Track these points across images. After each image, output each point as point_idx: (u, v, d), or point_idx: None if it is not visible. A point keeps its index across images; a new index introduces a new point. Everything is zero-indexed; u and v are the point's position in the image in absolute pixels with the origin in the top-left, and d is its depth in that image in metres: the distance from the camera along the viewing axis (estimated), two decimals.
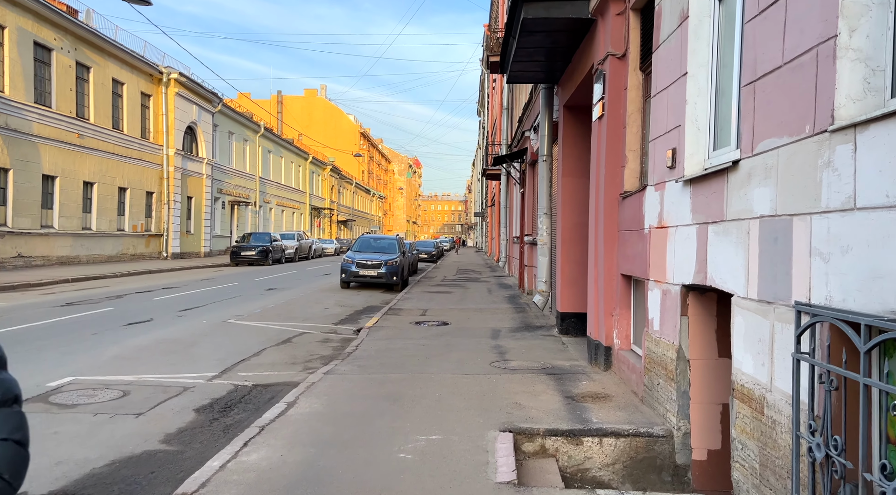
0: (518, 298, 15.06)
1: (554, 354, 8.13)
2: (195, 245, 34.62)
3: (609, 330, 6.71)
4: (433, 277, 22.72)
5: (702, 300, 4.55)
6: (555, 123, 10.22)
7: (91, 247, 25.58)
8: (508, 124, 22.59)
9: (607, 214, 6.71)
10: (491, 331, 10.03)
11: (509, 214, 23.08)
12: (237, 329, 10.34)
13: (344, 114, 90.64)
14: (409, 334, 9.65)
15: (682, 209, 4.58)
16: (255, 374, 7.11)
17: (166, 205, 31.24)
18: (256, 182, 44.55)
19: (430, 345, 8.65)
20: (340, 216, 71.27)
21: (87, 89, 25.49)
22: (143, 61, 29.00)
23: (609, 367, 6.76)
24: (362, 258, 17.80)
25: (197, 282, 19.03)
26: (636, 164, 6.43)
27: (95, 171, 25.79)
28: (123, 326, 10.10)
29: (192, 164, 34.00)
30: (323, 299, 15.29)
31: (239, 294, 15.92)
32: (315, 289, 18.02)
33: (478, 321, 11.13)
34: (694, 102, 4.50)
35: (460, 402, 5.55)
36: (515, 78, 9.61)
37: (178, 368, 7.27)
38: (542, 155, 10.04)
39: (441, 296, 15.32)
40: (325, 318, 11.95)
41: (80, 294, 14.92)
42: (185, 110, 32.41)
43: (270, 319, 11.53)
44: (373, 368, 7.10)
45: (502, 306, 13.35)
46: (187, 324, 10.64)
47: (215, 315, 11.82)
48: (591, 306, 7.30)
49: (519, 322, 11.03)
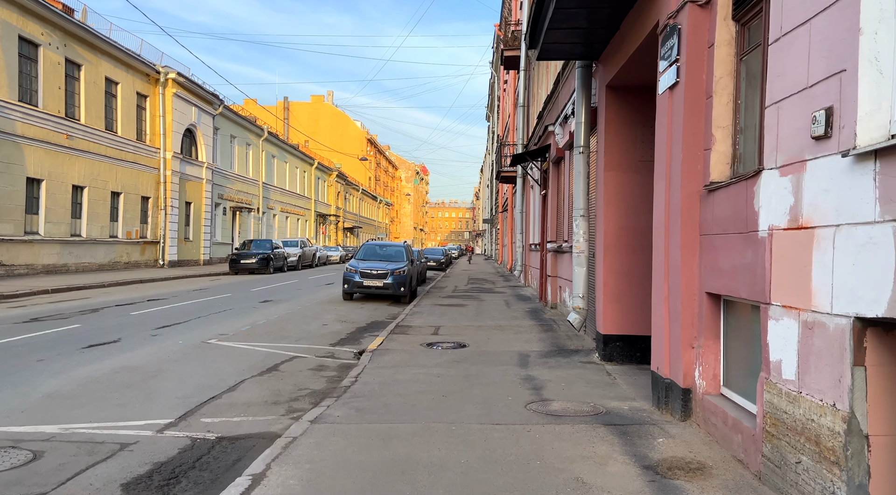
0: (541, 313, 13.40)
1: (603, 390, 6.48)
2: (194, 253, 33.16)
3: (688, 366, 5.06)
4: (443, 287, 21.10)
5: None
6: (592, 109, 8.62)
7: (81, 255, 24.12)
8: (525, 123, 21.01)
9: (684, 213, 5.09)
10: (517, 355, 8.40)
11: (525, 219, 21.45)
12: (217, 352, 8.75)
13: (351, 120, 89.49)
14: (419, 360, 8.03)
15: (852, 199, 2.96)
16: (222, 421, 5.51)
17: (163, 210, 29.80)
18: (259, 187, 43.14)
19: (447, 377, 7.02)
20: (346, 223, 69.84)
21: (77, 88, 24.10)
22: (140, 60, 27.63)
23: (688, 416, 5.10)
24: (367, 267, 16.20)
25: (188, 293, 17.48)
26: (726, 145, 4.80)
27: (86, 175, 24.36)
28: (80, 350, 8.52)
29: (192, 168, 32.58)
30: (322, 313, 13.70)
31: (230, 307, 14.35)
32: (315, 300, 16.43)
33: (500, 342, 9.50)
34: (873, 32, 2.88)
35: (497, 477, 3.93)
36: (547, 52, 8.03)
37: (125, 412, 5.67)
38: (578, 146, 8.43)
39: (454, 311, 13.70)
40: (323, 338, 10.34)
41: (54, 307, 13.39)
42: (183, 112, 31.02)
43: (259, 339, 9.94)
44: (375, 413, 5.48)
45: (525, 323, 11.70)
46: (159, 345, 9.06)
47: (196, 333, 10.24)
48: (657, 333, 5.66)
49: (549, 343, 9.38)
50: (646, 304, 7.90)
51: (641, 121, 7.93)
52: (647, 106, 7.92)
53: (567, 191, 12.02)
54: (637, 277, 7.93)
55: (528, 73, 20.94)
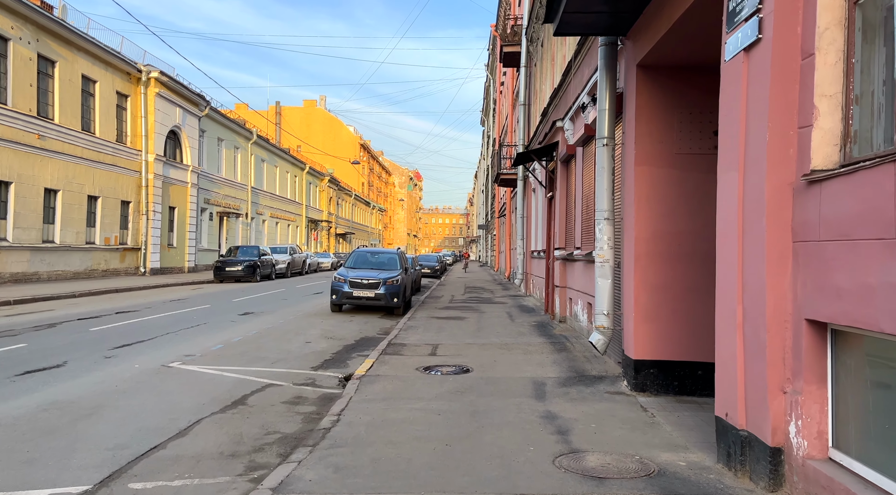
0: (549, 328, 12.12)
1: (644, 435, 5.21)
2: (178, 259, 31.74)
3: (778, 417, 3.79)
4: (439, 296, 19.80)
5: None
6: (617, 95, 7.38)
7: (54, 263, 22.68)
8: (525, 122, 19.79)
9: (770, 214, 3.83)
10: (531, 384, 7.11)
11: (527, 225, 20.20)
12: (176, 380, 7.42)
13: (343, 125, 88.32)
14: (416, 389, 6.73)
15: None
16: (157, 487, 4.19)
17: (145, 215, 28.39)
18: (248, 192, 41.75)
19: (449, 414, 5.74)
20: (339, 229, 68.46)
21: (51, 86, 22.73)
22: (120, 58, 26.29)
23: (779, 485, 3.82)
24: (357, 276, 14.87)
25: (164, 304, 16.12)
26: (834, 120, 3.56)
27: (60, 177, 22.96)
28: (12, 378, 7.18)
29: (176, 172, 31.20)
30: (307, 328, 12.37)
31: (206, 320, 13.00)
32: (301, 313, 15.09)
33: (508, 365, 8.21)
34: None
35: None
36: (567, 25, 6.78)
37: (28, 474, 4.35)
38: (601, 138, 7.19)
39: (453, 325, 12.40)
40: (304, 359, 9.03)
41: (7, 322, 12.01)
42: (167, 113, 29.66)
43: (230, 361, 8.62)
44: (359, 474, 4.18)
45: (534, 341, 10.41)
46: (109, 371, 7.72)
47: (158, 354, 8.91)
48: (726, 368, 4.40)
49: (565, 367, 8.10)
50: (687, 324, 6.64)
51: (680, 105, 6.70)
52: (687, 88, 6.69)
53: (580, 192, 10.78)
54: (674, 291, 6.68)
55: (529, 69, 19.75)
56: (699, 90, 6.65)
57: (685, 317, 6.65)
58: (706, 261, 6.62)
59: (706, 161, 6.65)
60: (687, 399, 6.51)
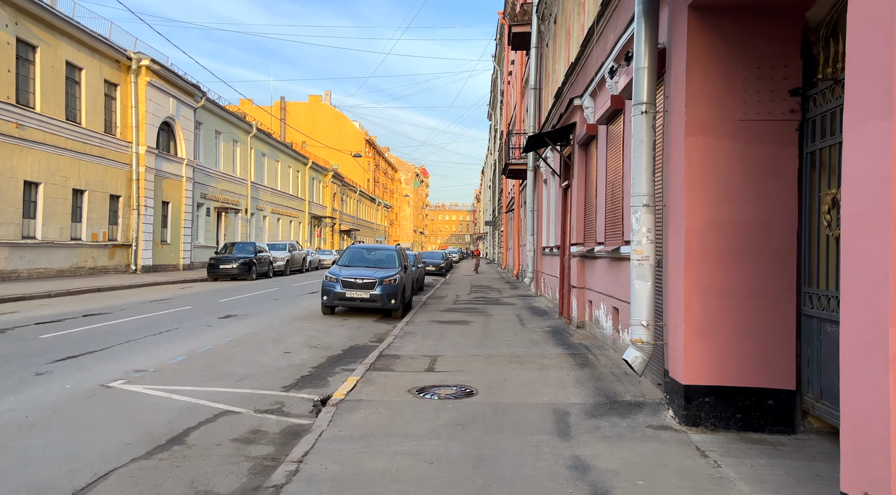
0: (565, 334, 10.64)
1: None
2: (173, 256, 30.42)
3: None
4: (443, 296, 18.35)
5: None
6: (660, 51, 5.89)
7: (35, 260, 21.37)
8: (536, 107, 18.27)
9: None
10: (552, 413, 5.64)
11: (537, 219, 18.70)
12: (109, 406, 6.00)
13: (349, 120, 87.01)
14: (404, 422, 5.28)
15: None
16: None
17: (136, 210, 27.08)
18: (248, 187, 40.41)
19: (446, 462, 4.29)
20: (343, 225, 67.10)
21: (31, 72, 21.40)
22: (108, 44, 24.93)
23: None
24: (350, 275, 13.42)
25: (142, 305, 14.75)
26: None
27: (42, 169, 21.63)
28: None
29: (169, 165, 29.86)
30: (290, 334, 10.94)
31: (179, 325, 11.60)
32: (289, 315, 13.67)
33: (520, 385, 6.74)
34: None
35: None
36: None
37: None
38: (639, 103, 5.70)
39: (456, 331, 10.94)
40: (277, 375, 7.59)
41: None
42: (159, 103, 28.31)
43: (187, 378, 7.20)
44: None
45: (550, 351, 8.93)
46: (30, 393, 6.31)
47: (103, 369, 7.50)
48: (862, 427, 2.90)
49: (591, 388, 6.62)
50: (753, 340, 5.16)
51: (744, 58, 5.20)
52: (755, 35, 5.19)
53: (603, 178, 9.28)
54: (737, 297, 5.19)
55: (540, 50, 18.23)
56: (769, 38, 5.16)
57: (751, 330, 5.17)
58: (780, 258, 5.13)
59: (780, 129, 5.16)
60: (754, 437, 5.03)
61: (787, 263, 5.14)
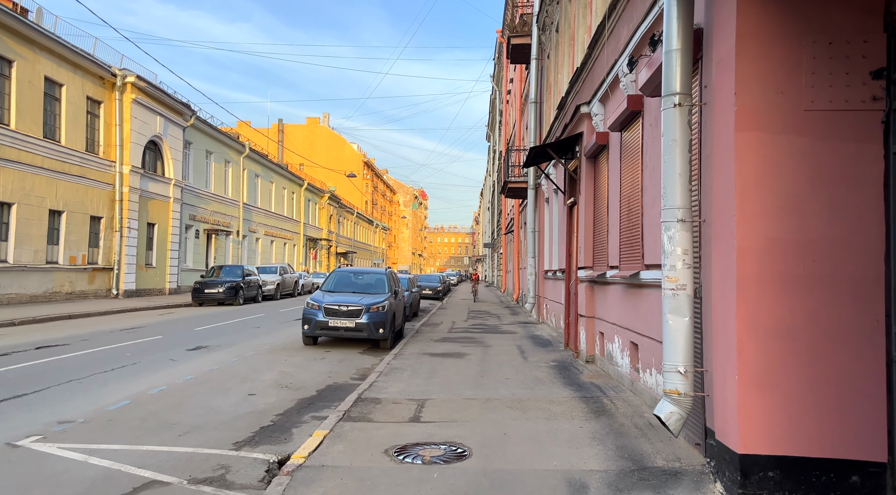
0: (573, 370, 9.38)
1: None
2: (158, 281, 29.17)
3: None
4: (438, 323, 17.08)
5: None
6: (696, 31, 4.76)
7: (6, 285, 20.12)
8: (536, 122, 17.21)
9: None
10: (566, 487, 4.39)
11: (539, 240, 17.53)
12: (2, 474, 4.73)
13: (347, 142, 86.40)
14: None
15: None
16: None
17: (118, 232, 25.91)
18: (240, 208, 39.32)
19: None
20: (340, 247, 65.92)
21: (7, 87, 20.40)
22: (91, 59, 24.00)
23: None
24: (334, 302, 12.18)
25: (107, 335, 13.49)
26: None
27: (14, 189, 20.49)
28: None
29: (156, 185, 28.78)
30: (262, 370, 9.68)
31: (139, 359, 10.34)
32: (266, 346, 12.40)
33: (524, 443, 5.47)
34: None
35: None
36: None
37: None
38: (672, 94, 4.56)
39: (449, 365, 9.69)
40: (231, 425, 6.32)
41: None
42: (145, 121, 27.31)
43: (119, 432, 5.93)
44: None
45: (558, 394, 7.66)
46: None
47: (20, 420, 6.24)
48: None
49: (611, 447, 5.35)
50: (830, 396, 3.94)
51: (812, 32, 4.07)
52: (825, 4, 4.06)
53: (616, 193, 8.11)
54: (809, 339, 3.99)
55: (540, 62, 17.24)
56: (845, 6, 4.03)
57: (826, 383, 3.96)
58: (862, 289, 3.93)
59: (860, 121, 4.01)
60: None
61: (873, 295, 3.95)
